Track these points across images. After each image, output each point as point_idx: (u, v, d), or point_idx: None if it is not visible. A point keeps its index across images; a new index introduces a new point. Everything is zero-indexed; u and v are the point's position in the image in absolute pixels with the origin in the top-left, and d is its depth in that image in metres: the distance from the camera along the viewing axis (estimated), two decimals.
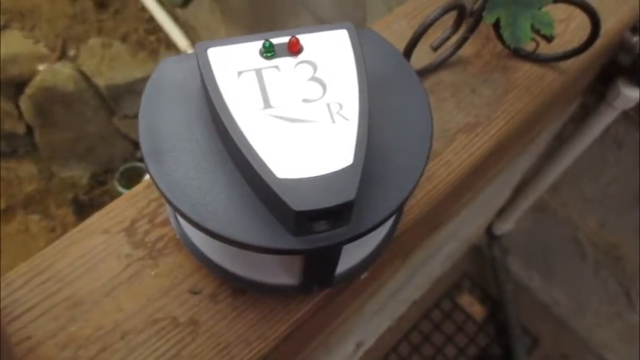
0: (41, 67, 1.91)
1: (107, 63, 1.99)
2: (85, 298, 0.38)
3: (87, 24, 2.07)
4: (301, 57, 0.31)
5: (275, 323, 0.38)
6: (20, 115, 1.95)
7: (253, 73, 0.30)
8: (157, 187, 0.30)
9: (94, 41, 2.01)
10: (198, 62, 0.30)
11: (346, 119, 0.29)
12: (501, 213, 1.16)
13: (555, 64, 0.51)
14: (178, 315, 0.38)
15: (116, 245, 0.40)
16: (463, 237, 1.03)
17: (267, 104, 0.29)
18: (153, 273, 0.39)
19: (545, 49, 0.50)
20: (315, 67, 0.31)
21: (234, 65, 0.30)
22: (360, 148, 0.28)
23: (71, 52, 1.99)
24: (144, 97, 0.32)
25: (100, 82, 1.91)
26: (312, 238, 0.29)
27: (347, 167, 0.28)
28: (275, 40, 0.31)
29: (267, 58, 0.31)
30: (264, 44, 0.31)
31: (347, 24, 0.32)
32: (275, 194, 0.27)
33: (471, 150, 0.46)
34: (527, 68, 0.51)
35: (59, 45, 2.00)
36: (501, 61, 0.51)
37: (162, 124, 0.31)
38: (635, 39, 0.71)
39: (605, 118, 0.81)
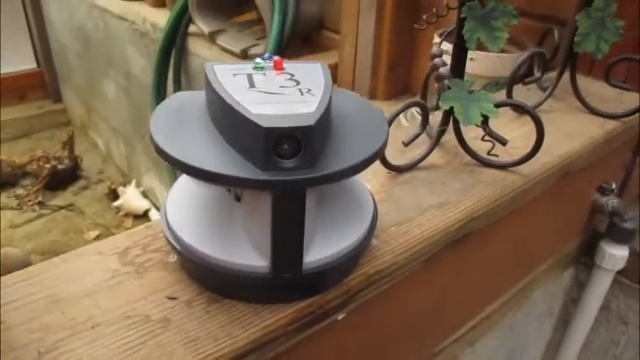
0: None
1: None
2: (65, 297, 0.40)
3: None
4: (283, 71, 0.40)
5: (245, 325, 0.38)
6: None
7: (245, 75, 0.39)
8: (158, 148, 0.36)
9: None
10: (205, 72, 0.40)
11: (313, 94, 0.37)
12: None
13: (515, 169, 0.58)
14: (152, 314, 0.39)
15: (107, 263, 0.43)
16: None
17: (252, 85, 0.38)
18: (136, 283, 0.41)
19: (505, 159, 0.58)
20: (293, 75, 0.40)
21: (232, 71, 0.40)
22: (321, 105, 0.35)
23: None
24: (157, 108, 0.41)
25: None
26: (278, 173, 0.33)
27: (309, 112, 0.34)
28: (265, 63, 0.41)
29: (257, 71, 0.40)
30: (255, 62, 0.41)
31: (321, 62, 0.43)
32: (249, 121, 0.33)
33: (441, 218, 0.50)
34: (491, 172, 0.58)
35: None
36: (468, 167, 0.59)
37: (166, 119, 0.39)
38: (604, 199, 0.79)
39: (600, 283, 0.83)
